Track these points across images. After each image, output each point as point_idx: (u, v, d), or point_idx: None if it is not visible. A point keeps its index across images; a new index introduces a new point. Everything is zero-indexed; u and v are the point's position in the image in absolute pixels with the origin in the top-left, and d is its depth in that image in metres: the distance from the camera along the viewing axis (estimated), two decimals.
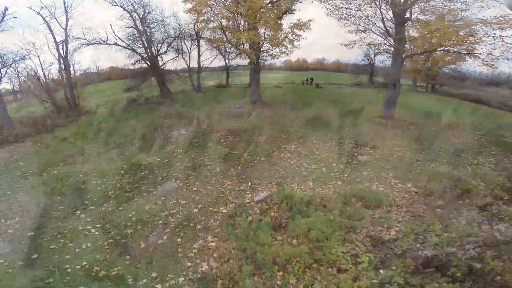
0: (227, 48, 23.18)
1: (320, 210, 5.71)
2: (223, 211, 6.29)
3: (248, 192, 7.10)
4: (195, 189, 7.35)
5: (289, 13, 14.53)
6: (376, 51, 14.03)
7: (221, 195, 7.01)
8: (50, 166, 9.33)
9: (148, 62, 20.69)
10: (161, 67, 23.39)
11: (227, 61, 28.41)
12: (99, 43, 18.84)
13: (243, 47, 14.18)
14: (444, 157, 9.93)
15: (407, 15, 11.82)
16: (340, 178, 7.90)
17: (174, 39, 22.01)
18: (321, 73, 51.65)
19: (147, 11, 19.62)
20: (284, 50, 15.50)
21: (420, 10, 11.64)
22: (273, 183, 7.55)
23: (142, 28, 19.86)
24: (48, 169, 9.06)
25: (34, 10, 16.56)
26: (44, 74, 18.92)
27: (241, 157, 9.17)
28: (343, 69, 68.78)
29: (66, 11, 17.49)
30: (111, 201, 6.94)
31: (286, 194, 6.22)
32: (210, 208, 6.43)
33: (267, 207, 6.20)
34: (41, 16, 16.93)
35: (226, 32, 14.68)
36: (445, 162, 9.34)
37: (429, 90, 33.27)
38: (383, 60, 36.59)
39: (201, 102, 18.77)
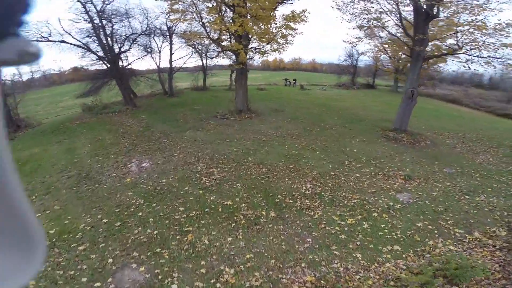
0: (205, 45, 19.55)
1: None
2: None
3: None
4: None
5: (286, 2, 11.40)
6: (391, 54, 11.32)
7: None
8: None
9: (106, 62, 16.45)
10: (125, 68, 19.22)
11: (204, 61, 24.82)
12: (38, 40, 14.27)
13: (231, 42, 10.82)
14: (486, 184, 7.71)
15: (434, 11, 9.33)
16: (394, 239, 5.09)
17: (140, 35, 17.97)
18: (300, 73, 49.58)
19: (106, 2, 15.38)
20: (276, 46, 12.40)
21: (453, 6, 9.18)
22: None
23: (100, 23, 15.59)
24: None
25: None
26: None
27: (242, 213, 5.96)
28: (319, 69, 67.67)
29: None
30: None
31: None
32: None
33: None
34: None
35: (206, 25, 11.27)
36: (492, 191, 7.19)
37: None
38: (365, 61, 35.64)
39: (172, 111, 15.08)
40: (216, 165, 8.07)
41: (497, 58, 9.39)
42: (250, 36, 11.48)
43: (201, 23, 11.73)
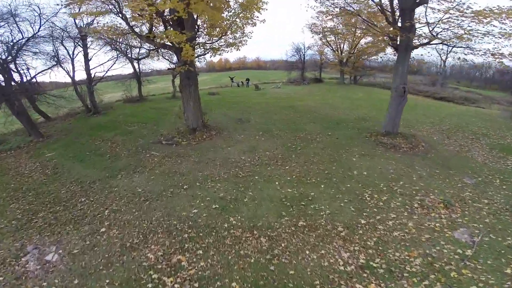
0: (134, 45, 14.89)
1: None
2: None
3: None
4: None
5: None
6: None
7: None
8: None
9: None
10: (21, 83, 13.42)
11: (136, 65, 19.77)
12: None
13: (168, 33, 6.97)
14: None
15: None
16: None
17: (29, 40, 12.45)
18: (246, 72, 46.89)
19: None
20: (232, 41, 9.15)
21: None
22: None
23: None
24: None
25: None
26: None
27: None
28: (263, 67, 66.09)
29: None
30: None
31: None
32: None
33: None
34: None
35: (126, 11, 7.26)
36: None
37: (352, 82, 32.74)
38: (312, 55, 34.79)
39: (95, 139, 10.49)
40: (180, 246, 4.52)
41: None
42: (197, 25, 7.92)
43: (120, 14, 7.62)
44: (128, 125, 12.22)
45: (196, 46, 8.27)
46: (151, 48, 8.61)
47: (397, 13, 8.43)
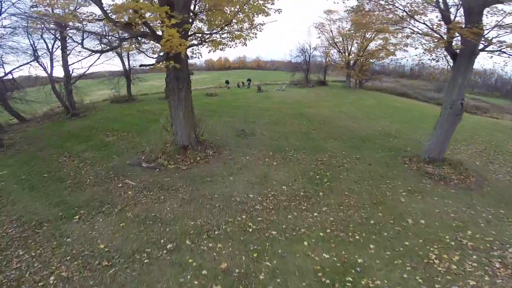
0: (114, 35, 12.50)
1: None
2: None
3: None
4: None
5: None
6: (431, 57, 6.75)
7: None
8: None
9: None
10: None
11: (126, 60, 17.34)
12: None
13: (145, 9, 4.66)
14: None
15: None
16: None
17: None
18: (248, 72, 44.43)
19: None
20: (238, 33, 6.93)
21: None
22: None
23: None
24: None
25: None
26: None
27: None
28: (263, 67, 63.46)
29: None
30: None
31: None
32: None
33: None
34: None
35: None
36: None
37: (356, 86, 30.64)
38: (316, 57, 32.49)
39: (61, 153, 8.16)
40: None
41: None
42: (194, 5, 5.67)
43: None
44: (107, 134, 9.88)
45: (189, 36, 5.98)
46: (126, 37, 6.25)
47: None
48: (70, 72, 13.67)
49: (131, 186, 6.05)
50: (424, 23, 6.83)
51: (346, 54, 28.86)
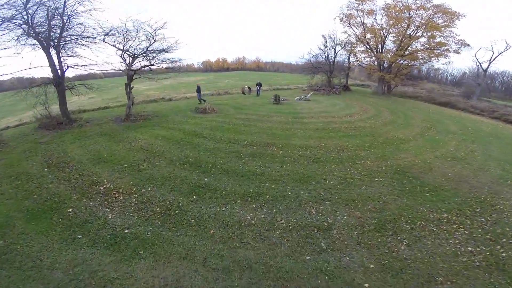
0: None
1: None
2: None
3: None
4: None
5: None
6: None
7: None
8: None
9: None
10: None
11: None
12: None
13: None
14: None
15: None
16: None
17: None
18: (247, 74, 38.08)
19: None
20: None
21: None
22: None
23: None
24: None
25: None
26: None
27: None
28: (264, 68, 56.55)
29: None
30: None
31: None
32: None
33: None
34: None
35: None
36: None
37: (385, 92, 24.40)
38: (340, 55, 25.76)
39: None
40: None
41: None
42: None
43: None
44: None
45: None
46: None
47: None
48: None
49: None
50: None
51: (379, 53, 22.60)
